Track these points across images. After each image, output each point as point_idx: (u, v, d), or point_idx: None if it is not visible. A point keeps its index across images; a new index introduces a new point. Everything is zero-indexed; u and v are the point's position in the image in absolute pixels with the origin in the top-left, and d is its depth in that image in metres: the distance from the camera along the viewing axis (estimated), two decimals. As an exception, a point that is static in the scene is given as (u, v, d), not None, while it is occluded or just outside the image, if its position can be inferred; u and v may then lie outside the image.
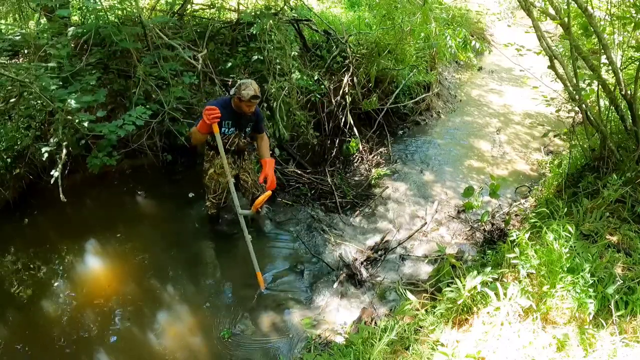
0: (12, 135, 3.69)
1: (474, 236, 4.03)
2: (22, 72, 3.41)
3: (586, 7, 3.29)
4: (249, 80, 3.20)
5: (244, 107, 3.21)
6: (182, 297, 3.27)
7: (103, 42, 4.17)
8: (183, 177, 4.52)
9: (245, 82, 3.16)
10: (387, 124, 5.74)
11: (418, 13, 5.57)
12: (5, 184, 3.78)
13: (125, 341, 2.91)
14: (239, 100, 3.17)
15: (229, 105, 3.28)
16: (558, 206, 3.34)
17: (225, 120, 3.27)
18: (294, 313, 3.21)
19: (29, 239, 3.68)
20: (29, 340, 2.88)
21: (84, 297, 3.21)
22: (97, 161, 3.63)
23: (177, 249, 3.68)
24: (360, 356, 2.37)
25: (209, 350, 2.89)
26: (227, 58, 4.75)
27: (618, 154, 3.67)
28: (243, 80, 3.18)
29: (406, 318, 2.74)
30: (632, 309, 2.49)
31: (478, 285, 2.59)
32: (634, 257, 2.88)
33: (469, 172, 5.26)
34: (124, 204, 4.14)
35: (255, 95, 3.14)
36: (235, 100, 3.21)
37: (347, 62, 5.27)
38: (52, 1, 3.72)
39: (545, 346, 2.25)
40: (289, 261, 3.71)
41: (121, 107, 4.32)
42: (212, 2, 5.31)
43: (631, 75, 3.76)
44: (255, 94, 3.13)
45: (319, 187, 4.60)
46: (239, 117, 3.33)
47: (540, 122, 6.76)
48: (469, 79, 8.54)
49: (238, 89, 3.15)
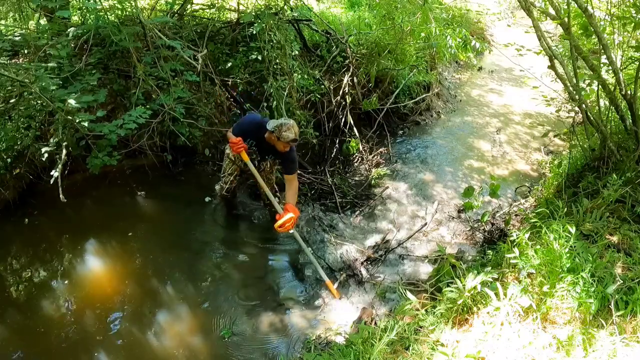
0: (12, 135, 3.68)
1: (474, 236, 4.03)
2: (22, 72, 3.40)
3: (586, 7, 3.29)
4: (291, 121, 3.20)
5: (279, 146, 3.22)
6: (182, 297, 3.27)
7: (103, 42, 4.17)
8: (183, 177, 4.52)
9: (287, 124, 3.15)
10: (387, 124, 5.74)
11: (418, 13, 5.57)
12: (5, 184, 3.78)
13: (125, 341, 2.91)
14: (277, 139, 3.18)
15: (262, 130, 3.29)
16: (558, 206, 3.33)
17: (250, 139, 3.37)
18: (294, 313, 3.21)
19: (29, 239, 3.68)
20: (28, 340, 2.88)
21: (84, 297, 3.20)
22: (97, 161, 3.63)
23: (177, 249, 3.68)
24: (360, 356, 2.38)
25: (209, 350, 2.89)
26: (227, 58, 4.74)
27: (618, 154, 3.67)
28: (285, 121, 3.18)
29: (406, 318, 2.74)
30: (632, 309, 2.48)
31: (478, 285, 2.59)
32: (634, 257, 2.88)
33: (469, 172, 5.26)
34: (124, 204, 4.14)
35: (295, 139, 3.15)
36: (273, 137, 3.21)
37: (347, 62, 5.26)
38: (52, 1, 3.71)
39: (545, 346, 2.25)
40: (288, 261, 3.71)
41: (121, 107, 4.32)
42: (212, 2, 5.30)
43: (631, 75, 3.76)
44: (295, 138, 3.14)
45: (319, 187, 4.60)
46: (264, 146, 3.37)
47: (540, 122, 6.76)
48: (469, 79, 8.54)
49: (279, 128, 3.14)
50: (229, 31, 4.93)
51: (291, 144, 3.18)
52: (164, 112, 4.03)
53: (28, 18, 5.02)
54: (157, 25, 4.11)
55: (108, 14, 4.05)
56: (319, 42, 5.52)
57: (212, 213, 4.13)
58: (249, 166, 3.37)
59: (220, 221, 4.10)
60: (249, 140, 3.37)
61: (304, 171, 4.74)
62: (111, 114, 4.25)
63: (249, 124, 3.43)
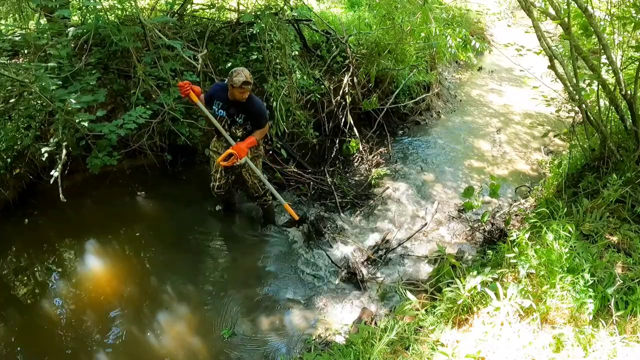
0: (12, 135, 3.68)
1: (474, 236, 4.03)
2: (22, 72, 3.40)
3: (586, 7, 3.29)
4: (241, 67, 3.28)
5: (236, 93, 3.26)
6: (182, 297, 3.27)
7: (103, 42, 4.17)
8: (183, 177, 4.52)
9: (237, 70, 3.22)
10: (387, 124, 5.74)
11: (418, 13, 5.56)
12: (5, 184, 3.78)
13: (125, 341, 2.91)
14: (231, 87, 3.23)
15: (225, 89, 3.37)
16: (558, 206, 3.33)
17: (216, 100, 3.43)
18: (294, 313, 3.21)
19: (29, 239, 3.68)
20: (28, 340, 2.89)
21: (84, 297, 3.21)
22: (98, 161, 3.63)
23: (177, 248, 3.68)
24: (360, 356, 2.37)
25: (209, 350, 2.89)
26: (227, 58, 4.74)
27: (618, 154, 3.67)
28: (235, 68, 3.25)
29: (406, 318, 2.74)
30: (632, 309, 2.49)
31: (478, 285, 2.59)
32: (634, 257, 2.88)
33: (469, 172, 5.26)
34: (124, 204, 4.14)
35: (247, 82, 3.18)
36: (229, 87, 3.27)
37: (347, 62, 5.26)
38: (52, 1, 3.71)
39: (545, 346, 2.25)
40: (289, 261, 3.71)
41: (121, 107, 4.32)
42: (212, 2, 5.30)
43: (631, 75, 3.76)
44: (246, 80, 3.17)
45: (319, 187, 4.60)
46: (229, 104, 3.40)
47: (540, 122, 6.76)
48: (469, 79, 8.54)
49: (230, 76, 3.20)
50: (229, 31, 4.93)
51: (244, 87, 3.19)
52: (164, 112, 4.03)
53: (28, 18, 5.02)
54: (157, 25, 4.11)
55: (108, 14, 4.05)
56: (319, 42, 5.52)
57: (212, 213, 4.14)
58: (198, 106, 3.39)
59: (220, 221, 4.10)
60: (215, 102, 3.43)
61: (304, 171, 4.74)
62: (111, 114, 4.25)
63: (214, 87, 3.56)
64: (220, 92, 3.42)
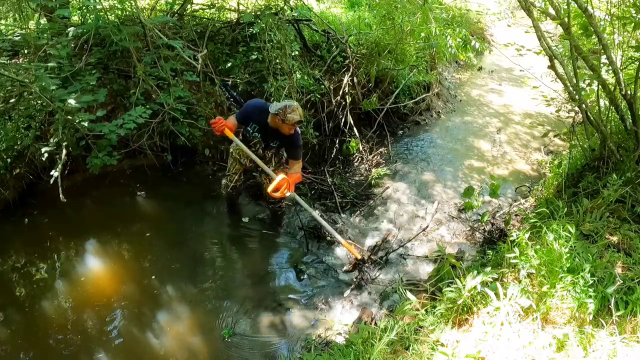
0: (12, 135, 3.68)
1: (474, 236, 4.03)
2: (22, 72, 3.40)
3: (586, 7, 3.29)
4: (295, 103, 3.16)
5: (284, 128, 3.17)
6: (182, 297, 3.27)
7: (103, 42, 4.17)
8: (183, 177, 4.52)
9: (291, 106, 3.11)
10: (387, 124, 5.74)
11: (418, 13, 5.56)
12: (5, 184, 3.78)
13: (125, 341, 2.91)
14: (280, 120, 3.13)
15: (265, 114, 3.26)
16: (558, 206, 3.33)
17: (253, 123, 3.32)
18: (294, 313, 3.21)
19: (29, 239, 3.68)
20: (28, 340, 2.88)
21: (84, 297, 3.21)
22: (98, 161, 3.63)
23: (177, 249, 3.68)
24: (360, 356, 2.37)
25: (209, 350, 2.89)
26: (227, 58, 4.75)
27: (618, 154, 3.67)
28: (289, 103, 3.14)
29: (406, 318, 2.74)
30: (632, 309, 2.49)
31: (478, 285, 2.59)
32: (634, 257, 2.88)
33: (469, 172, 5.26)
34: (124, 204, 4.14)
35: (300, 121, 3.12)
36: (277, 119, 3.16)
37: (347, 62, 5.26)
38: (52, 1, 3.71)
39: (545, 346, 2.25)
40: (289, 262, 3.71)
41: (121, 107, 4.32)
42: (212, 2, 5.30)
43: (631, 75, 3.76)
44: (300, 120, 3.11)
45: (319, 187, 4.60)
46: (267, 131, 3.31)
47: (540, 122, 6.75)
48: (469, 79, 8.54)
49: (283, 110, 3.09)
50: (229, 31, 4.93)
51: (296, 125, 3.15)
52: (164, 112, 4.03)
53: (28, 18, 5.02)
54: (157, 25, 4.12)
55: (108, 14, 4.05)
56: (319, 42, 5.52)
57: (213, 213, 4.14)
58: (236, 143, 3.30)
59: (220, 221, 4.10)
60: (252, 125, 3.33)
61: (304, 171, 4.74)
62: (111, 114, 4.25)
63: (252, 108, 3.36)
64: (259, 115, 3.28)
